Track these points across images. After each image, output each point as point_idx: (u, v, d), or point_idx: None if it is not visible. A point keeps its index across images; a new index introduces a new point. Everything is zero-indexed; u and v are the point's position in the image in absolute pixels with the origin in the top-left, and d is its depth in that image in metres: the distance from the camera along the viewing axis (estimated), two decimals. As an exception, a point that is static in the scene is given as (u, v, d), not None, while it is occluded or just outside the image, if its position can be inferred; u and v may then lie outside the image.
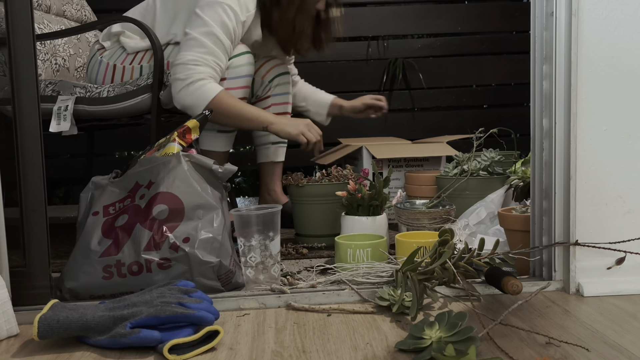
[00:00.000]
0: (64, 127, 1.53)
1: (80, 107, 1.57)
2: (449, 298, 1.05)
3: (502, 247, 1.20)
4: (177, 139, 1.27)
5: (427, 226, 1.41)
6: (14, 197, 1.05)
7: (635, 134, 1.05)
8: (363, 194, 1.40)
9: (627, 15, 1.03)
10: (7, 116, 1.54)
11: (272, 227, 1.13)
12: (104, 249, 1.09)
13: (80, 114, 1.58)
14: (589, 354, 0.78)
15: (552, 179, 1.08)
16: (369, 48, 2.92)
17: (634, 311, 0.94)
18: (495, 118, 2.91)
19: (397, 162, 1.92)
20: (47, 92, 1.58)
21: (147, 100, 1.56)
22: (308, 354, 0.82)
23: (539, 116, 1.10)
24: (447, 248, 0.99)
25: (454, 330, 0.78)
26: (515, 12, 2.97)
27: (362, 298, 1.04)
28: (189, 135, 1.30)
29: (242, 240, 1.13)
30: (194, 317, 0.86)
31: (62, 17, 1.93)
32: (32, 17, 1.03)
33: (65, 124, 1.53)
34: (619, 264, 1.04)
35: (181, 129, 1.29)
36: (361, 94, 2.93)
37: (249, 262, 1.13)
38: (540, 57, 1.09)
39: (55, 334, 0.86)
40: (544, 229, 1.10)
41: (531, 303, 1.00)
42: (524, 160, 1.52)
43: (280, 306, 1.04)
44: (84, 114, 1.58)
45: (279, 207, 1.15)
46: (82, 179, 1.84)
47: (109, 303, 0.93)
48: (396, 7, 2.93)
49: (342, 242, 1.24)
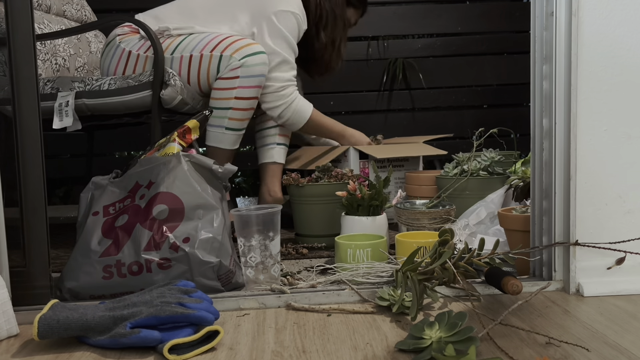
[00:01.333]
0: (67, 122, 1.53)
1: (79, 102, 1.56)
2: (449, 298, 1.05)
3: (502, 247, 1.20)
4: (177, 139, 1.27)
5: (427, 226, 1.41)
6: (14, 197, 1.05)
7: (635, 134, 1.05)
8: (363, 194, 1.40)
9: (627, 15, 1.03)
10: (7, 116, 1.54)
11: (272, 227, 1.13)
12: (104, 249, 1.09)
13: (81, 108, 1.57)
14: (589, 354, 0.78)
15: (552, 179, 1.08)
16: (369, 48, 2.92)
17: (634, 311, 0.94)
18: (495, 118, 2.91)
19: (380, 162, 1.96)
20: (47, 90, 1.58)
21: (147, 97, 1.56)
22: (308, 354, 0.82)
23: (539, 116, 1.10)
24: (447, 248, 0.99)
25: (454, 330, 0.78)
26: (515, 12, 2.97)
27: (362, 298, 1.04)
28: (189, 135, 1.30)
29: (242, 240, 1.13)
30: (193, 317, 0.86)
31: (62, 17, 1.93)
32: (32, 17, 1.03)
33: (67, 120, 1.53)
34: (619, 264, 1.04)
35: (181, 129, 1.29)
36: (361, 94, 2.94)
37: (249, 262, 1.13)
38: (540, 57, 1.09)
39: (55, 334, 0.86)
40: (544, 229, 1.10)
41: (531, 303, 1.00)
42: (524, 160, 1.52)
43: (280, 306, 1.04)
44: (83, 108, 1.57)
45: (279, 207, 1.15)
46: (82, 179, 1.84)
47: (109, 303, 0.93)
48: (396, 7, 2.93)
49: (342, 242, 1.24)
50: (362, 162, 1.93)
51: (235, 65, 1.61)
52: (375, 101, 2.94)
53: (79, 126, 1.55)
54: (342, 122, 2.01)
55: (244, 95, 1.62)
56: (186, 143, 1.29)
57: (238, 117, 1.65)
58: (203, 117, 1.36)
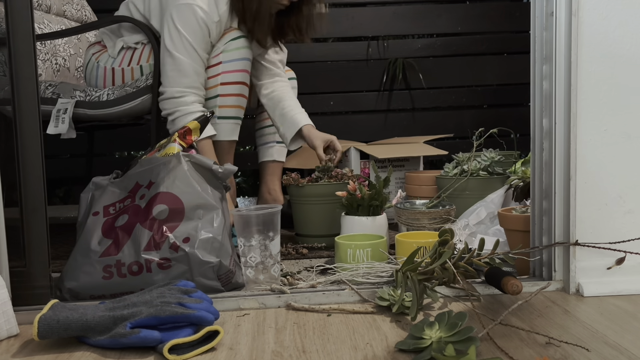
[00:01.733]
0: (62, 129, 1.53)
1: (80, 111, 1.57)
2: (449, 298, 1.05)
3: (502, 247, 1.20)
4: (178, 140, 1.27)
5: (427, 226, 1.41)
6: (14, 197, 1.05)
7: (635, 134, 1.05)
8: (363, 194, 1.40)
9: (627, 15, 1.03)
10: (7, 116, 1.54)
11: (272, 227, 1.13)
12: (104, 249, 1.09)
13: (81, 117, 1.58)
14: (589, 354, 0.78)
15: (552, 179, 1.07)
16: (369, 48, 2.92)
17: (634, 311, 0.94)
18: (495, 118, 2.91)
19: (381, 162, 1.96)
20: (47, 94, 1.58)
21: (147, 101, 1.56)
22: (308, 354, 0.82)
23: (539, 116, 1.10)
24: (447, 248, 0.99)
25: (454, 330, 0.78)
26: (515, 12, 2.97)
27: (362, 298, 1.04)
28: (190, 136, 1.29)
29: (242, 240, 1.13)
30: (193, 317, 0.86)
31: (62, 17, 1.93)
32: (32, 17, 1.03)
33: (62, 127, 1.53)
34: (619, 264, 1.04)
35: (182, 130, 1.29)
36: (361, 94, 2.94)
37: (249, 262, 1.13)
38: (540, 57, 1.08)
39: (55, 334, 0.86)
40: (544, 229, 1.10)
41: (531, 303, 1.00)
42: (524, 160, 1.52)
43: (280, 306, 1.04)
44: (84, 117, 1.58)
45: (279, 207, 1.15)
46: (82, 179, 1.84)
47: (109, 303, 0.93)
48: (396, 7, 2.92)
49: (342, 242, 1.24)
50: (363, 162, 1.95)
51: (217, 52, 1.59)
52: (375, 101, 2.94)
53: (74, 135, 1.54)
54: (342, 122, 2.01)
55: (228, 80, 1.58)
56: (186, 144, 1.29)
57: (227, 103, 1.59)
58: (204, 118, 1.36)
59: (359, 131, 2.86)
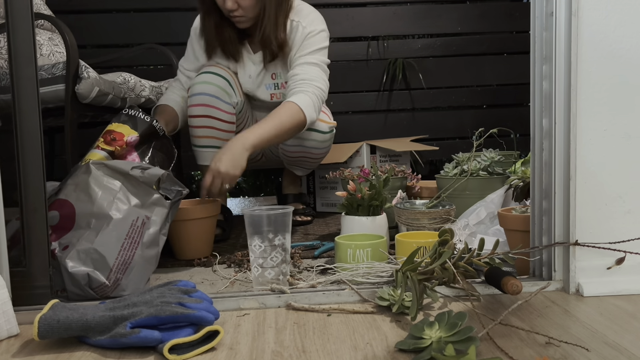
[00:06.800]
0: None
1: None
2: (449, 298, 1.05)
3: (502, 247, 1.21)
4: (101, 145, 1.27)
5: (427, 226, 1.41)
6: (14, 197, 1.05)
7: (635, 134, 1.05)
8: (363, 194, 1.40)
9: (627, 15, 1.03)
10: (7, 116, 1.53)
11: (283, 227, 1.12)
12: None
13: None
14: (588, 354, 0.78)
15: (552, 179, 1.08)
16: (369, 48, 2.92)
17: (634, 311, 0.95)
18: (495, 118, 2.91)
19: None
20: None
21: (61, 91, 1.49)
22: (308, 354, 0.82)
23: (539, 116, 1.10)
24: (447, 248, 0.99)
25: (454, 330, 0.78)
26: (515, 12, 2.97)
27: (362, 298, 1.05)
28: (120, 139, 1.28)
29: (256, 240, 1.11)
30: (194, 317, 0.86)
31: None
32: (32, 17, 1.03)
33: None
34: (618, 264, 1.04)
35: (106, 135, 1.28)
36: (361, 94, 2.94)
37: (269, 262, 1.11)
38: (540, 57, 1.09)
39: (55, 334, 0.86)
40: (543, 229, 1.10)
41: (531, 303, 1.00)
42: (523, 160, 1.52)
43: (281, 306, 1.04)
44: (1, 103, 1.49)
45: (290, 209, 1.14)
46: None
47: (109, 303, 0.93)
48: (396, 7, 2.93)
49: (342, 242, 1.24)
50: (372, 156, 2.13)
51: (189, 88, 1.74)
52: (375, 101, 2.94)
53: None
54: (342, 122, 2.02)
55: (191, 114, 1.69)
56: (116, 147, 1.26)
57: (196, 134, 1.70)
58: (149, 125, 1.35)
59: (359, 131, 2.87)
